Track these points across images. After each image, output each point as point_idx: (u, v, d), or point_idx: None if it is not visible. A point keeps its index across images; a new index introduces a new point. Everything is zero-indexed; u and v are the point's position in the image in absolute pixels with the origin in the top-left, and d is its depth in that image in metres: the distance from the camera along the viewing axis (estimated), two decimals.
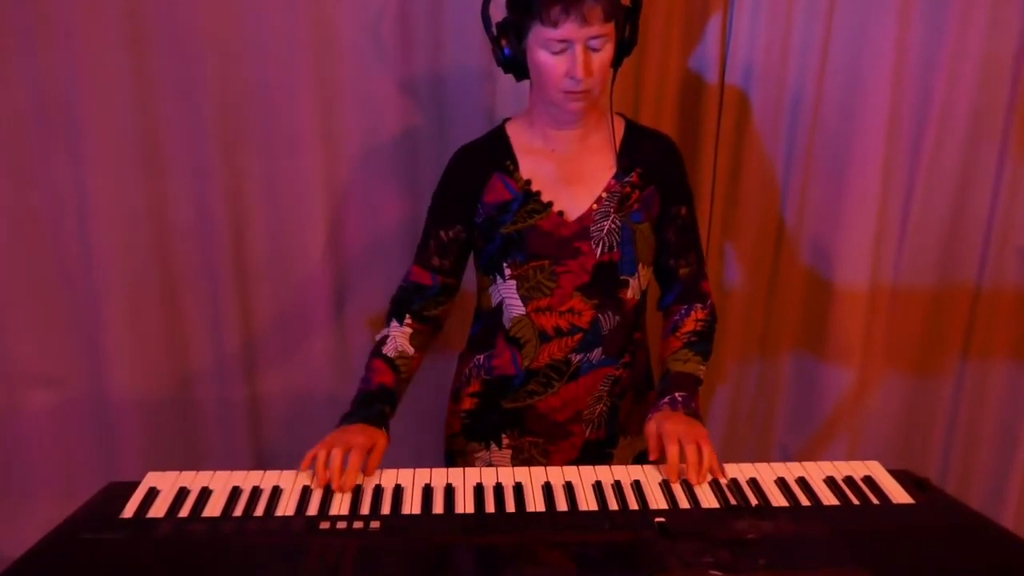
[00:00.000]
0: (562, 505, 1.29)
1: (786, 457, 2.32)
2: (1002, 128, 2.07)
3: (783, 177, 2.11)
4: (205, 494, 1.32)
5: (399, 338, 1.58)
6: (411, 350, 1.57)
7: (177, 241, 2.01)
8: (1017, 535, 1.20)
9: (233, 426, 2.17)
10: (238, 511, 1.27)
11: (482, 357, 1.65)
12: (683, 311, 1.64)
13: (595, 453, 1.66)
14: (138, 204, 1.97)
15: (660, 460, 1.41)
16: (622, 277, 1.57)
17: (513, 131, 1.57)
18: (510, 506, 1.29)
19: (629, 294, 1.58)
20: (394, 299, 1.63)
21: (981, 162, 2.10)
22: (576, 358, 1.58)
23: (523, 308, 1.57)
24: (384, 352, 1.56)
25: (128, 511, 1.27)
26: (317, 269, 2.06)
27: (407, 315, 1.60)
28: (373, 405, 1.48)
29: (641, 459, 1.72)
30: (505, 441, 1.65)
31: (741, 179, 2.08)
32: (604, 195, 1.54)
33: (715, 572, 1.08)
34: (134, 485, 1.36)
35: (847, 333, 2.18)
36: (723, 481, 1.37)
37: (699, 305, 1.65)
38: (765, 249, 2.16)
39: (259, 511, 1.27)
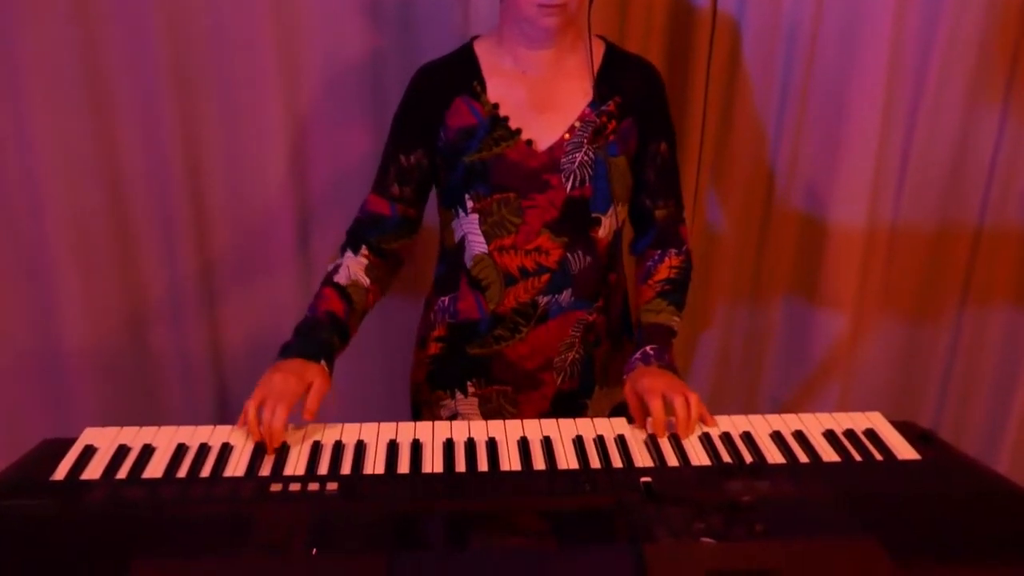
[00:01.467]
0: (539, 463, 1.18)
1: (776, 406, 2.23)
2: (1010, 63, 1.94)
3: (777, 112, 1.97)
4: (147, 453, 1.20)
5: (352, 266, 1.45)
6: (366, 281, 1.45)
7: (128, 181, 1.87)
8: None
9: (194, 374, 2.05)
10: (182, 472, 1.16)
11: (447, 300, 1.53)
12: (656, 257, 1.53)
13: (568, 404, 1.56)
14: (84, 143, 1.82)
15: (642, 422, 1.30)
16: (594, 215, 1.45)
17: (482, 50, 1.43)
18: (483, 464, 1.18)
19: (601, 233, 1.46)
20: (350, 230, 1.51)
21: (987, 98, 1.98)
22: (544, 300, 1.46)
23: (485, 245, 1.44)
24: (335, 280, 1.43)
25: (60, 473, 1.15)
26: (279, 206, 1.92)
27: (363, 246, 1.47)
28: (316, 334, 1.36)
29: (619, 412, 1.62)
30: (471, 389, 1.54)
31: (733, 114, 1.95)
32: (577, 124, 1.41)
33: (707, 540, 0.98)
34: (71, 443, 1.24)
35: (841, 278, 2.07)
36: (714, 434, 1.26)
37: (674, 251, 1.53)
38: (757, 189, 2.04)
39: (205, 471, 1.16)
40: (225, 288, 2.00)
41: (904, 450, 1.23)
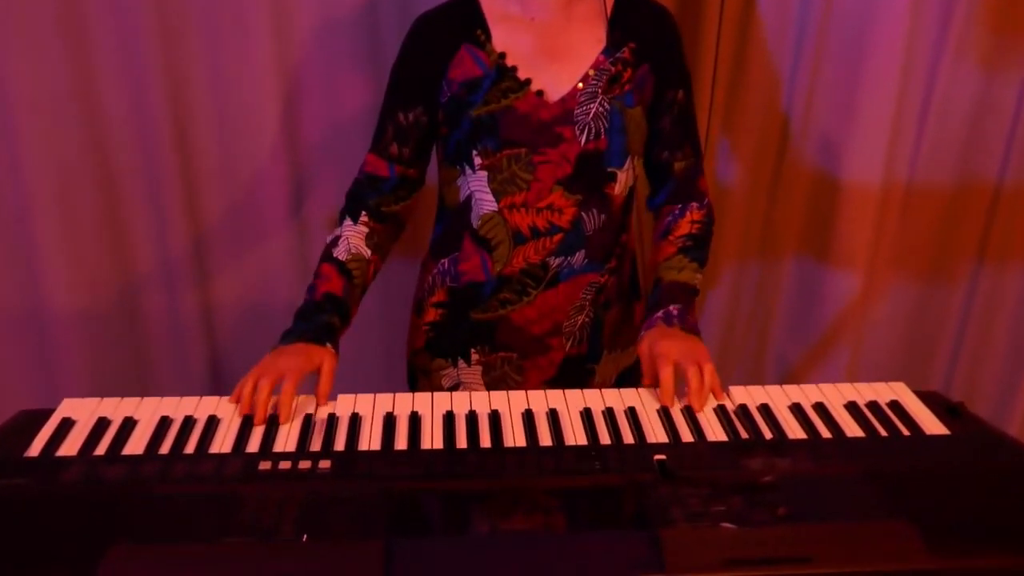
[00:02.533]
0: (545, 439, 1.11)
1: (784, 367, 2.17)
2: None
3: (792, 59, 1.88)
4: (128, 426, 1.13)
5: (352, 238, 1.37)
6: (367, 252, 1.37)
7: (113, 136, 1.78)
8: None
9: (185, 339, 1.98)
10: (165, 448, 1.08)
11: (447, 262, 1.45)
12: (676, 212, 1.44)
13: (575, 370, 1.49)
14: (64, 96, 1.72)
15: (654, 384, 1.23)
16: (609, 169, 1.36)
17: None
18: (485, 440, 1.11)
19: (616, 189, 1.38)
20: (349, 193, 1.42)
21: (1010, 53, 1.88)
22: (555, 262, 1.38)
23: (495, 204, 1.36)
24: (335, 255, 1.36)
25: (34, 449, 1.08)
26: (271, 163, 1.83)
27: (363, 212, 1.39)
28: (317, 317, 1.28)
29: (626, 376, 1.55)
30: (474, 357, 1.47)
31: (746, 60, 1.85)
32: (591, 73, 1.32)
33: (727, 525, 0.91)
34: (48, 414, 1.16)
35: (854, 235, 1.99)
36: (729, 406, 1.19)
37: (695, 205, 1.45)
38: (769, 140, 1.95)
39: (190, 447, 1.09)
40: (216, 251, 1.92)
41: (932, 424, 1.16)
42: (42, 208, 1.79)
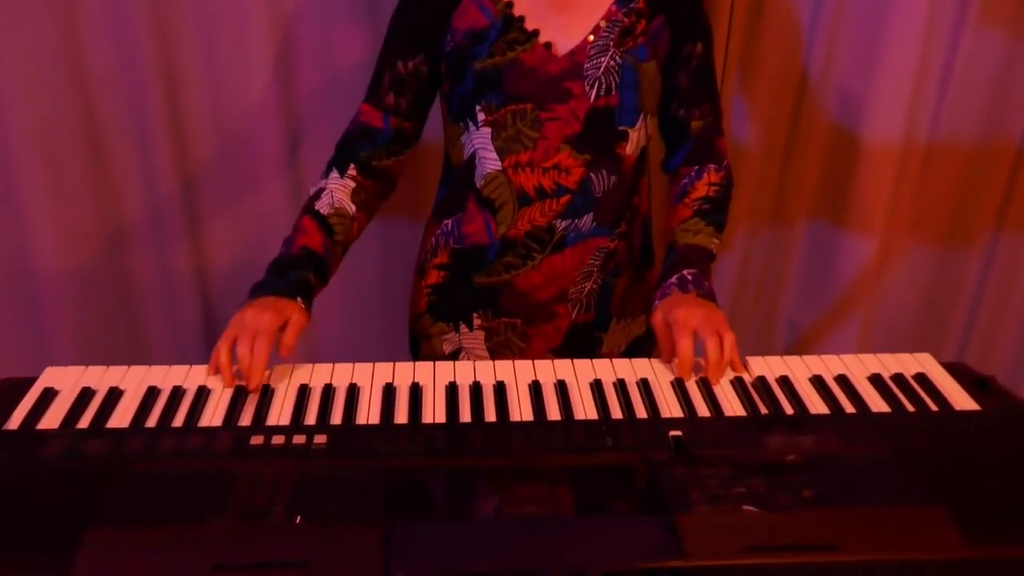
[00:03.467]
0: (554, 412, 1.05)
1: (794, 334, 2.10)
2: None
3: (811, 13, 1.79)
4: (113, 397, 1.07)
5: (337, 192, 1.29)
6: (351, 207, 1.29)
7: (98, 88, 1.69)
8: None
9: (177, 297, 1.91)
10: (151, 421, 1.02)
11: (450, 223, 1.38)
12: (693, 174, 1.37)
13: (582, 338, 1.42)
14: (48, 45, 1.64)
15: (672, 357, 1.17)
16: (620, 128, 1.29)
17: None
18: (490, 413, 1.05)
19: (628, 149, 1.31)
20: (338, 144, 1.34)
21: None
22: (562, 225, 1.31)
23: (499, 163, 1.28)
24: (316, 208, 1.28)
25: (14, 421, 1.02)
26: (264, 115, 1.74)
27: (351, 164, 1.31)
28: (291, 273, 1.21)
29: (636, 346, 1.49)
30: (477, 322, 1.40)
31: (764, 14, 1.76)
32: (603, 24, 1.24)
33: (749, 508, 0.86)
34: (30, 383, 1.10)
35: (872, 198, 1.92)
36: (747, 379, 1.13)
37: (713, 167, 1.37)
38: (786, 95, 1.86)
39: (178, 421, 1.03)
40: (208, 204, 1.85)
41: (961, 399, 1.10)
42: (26, 165, 1.71)
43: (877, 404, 1.08)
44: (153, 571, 0.78)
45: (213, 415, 1.04)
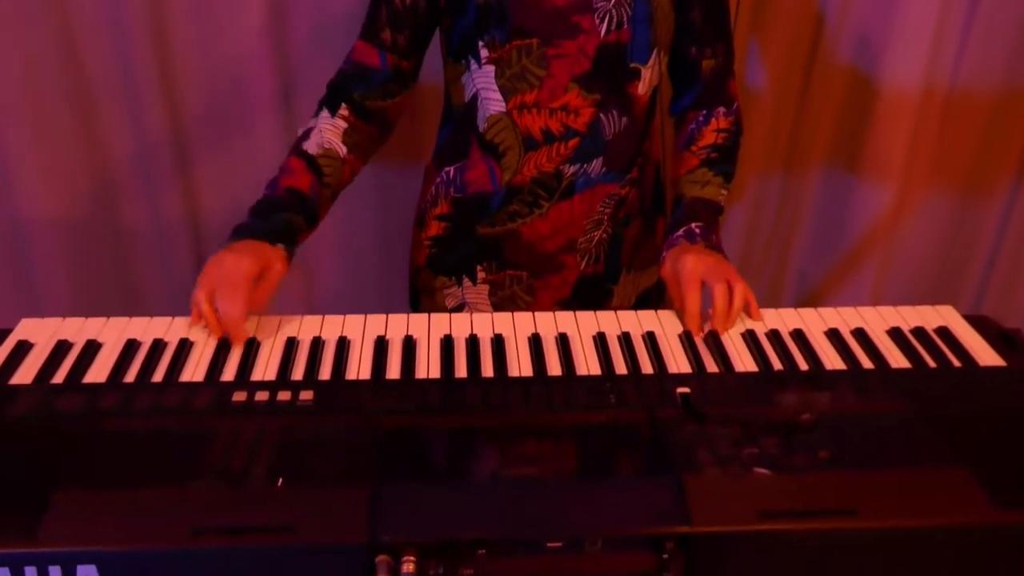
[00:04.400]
0: (555, 368, 0.99)
1: (805, 285, 2.04)
2: None
3: None
4: (91, 351, 1.01)
5: (327, 131, 1.22)
6: (342, 149, 1.22)
7: (83, 29, 1.62)
8: None
9: (169, 245, 1.85)
10: (130, 376, 0.97)
11: (452, 170, 1.31)
12: (701, 118, 1.30)
13: (591, 290, 1.36)
14: None
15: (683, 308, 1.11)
16: (632, 65, 1.21)
17: None
18: (487, 368, 0.99)
19: (641, 89, 1.23)
20: (331, 84, 1.27)
21: None
22: (570, 171, 1.24)
23: (503, 104, 1.21)
24: (304, 148, 1.21)
25: None
26: (257, 54, 1.66)
27: (344, 104, 1.24)
28: (276, 215, 1.14)
29: (646, 298, 1.43)
30: (480, 275, 1.34)
31: None
32: None
33: (761, 470, 0.80)
34: (4, 335, 1.05)
35: (889, 145, 1.84)
36: (760, 331, 1.07)
37: (722, 110, 1.30)
38: (801, 41, 1.78)
39: (158, 376, 0.97)
40: (199, 149, 1.77)
41: (985, 354, 1.04)
42: (12, 111, 1.64)
43: (897, 359, 1.02)
44: (126, 535, 0.73)
45: (195, 370, 0.98)
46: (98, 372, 0.98)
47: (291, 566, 0.73)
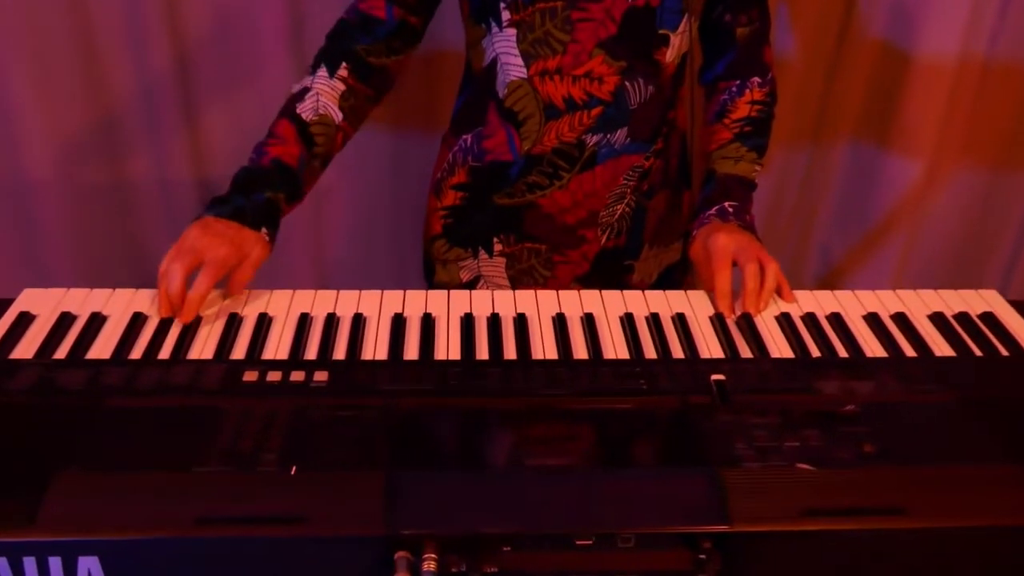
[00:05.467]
0: (580, 350, 0.95)
1: (827, 261, 1.99)
2: None
3: None
4: (95, 324, 0.97)
5: (324, 94, 1.16)
6: (337, 115, 1.16)
7: None
8: None
9: (176, 200, 1.80)
10: (136, 352, 0.93)
11: (469, 138, 1.25)
12: (734, 89, 1.24)
13: (611, 266, 1.31)
14: None
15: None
16: (661, 31, 1.15)
17: None
18: (509, 350, 0.94)
19: (669, 56, 1.17)
20: (331, 35, 1.21)
21: None
22: (592, 140, 1.19)
23: (524, 70, 1.15)
24: (297, 111, 1.14)
25: None
26: None
27: (343, 62, 1.17)
28: (258, 192, 1.09)
29: (669, 275, 1.38)
30: (497, 247, 1.29)
31: None
32: None
33: (804, 466, 0.75)
34: (6, 305, 1.01)
35: (921, 118, 1.78)
36: (795, 314, 1.02)
37: (756, 81, 1.24)
38: (833, 6, 1.71)
39: (165, 352, 0.93)
40: (206, 96, 1.71)
41: None
42: (14, 62, 1.59)
43: (940, 347, 0.97)
44: (127, 521, 0.69)
45: (204, 346, 0.94)
46: (102, 347, 0.93)
47: (303, 557, 0.69)
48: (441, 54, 1.58)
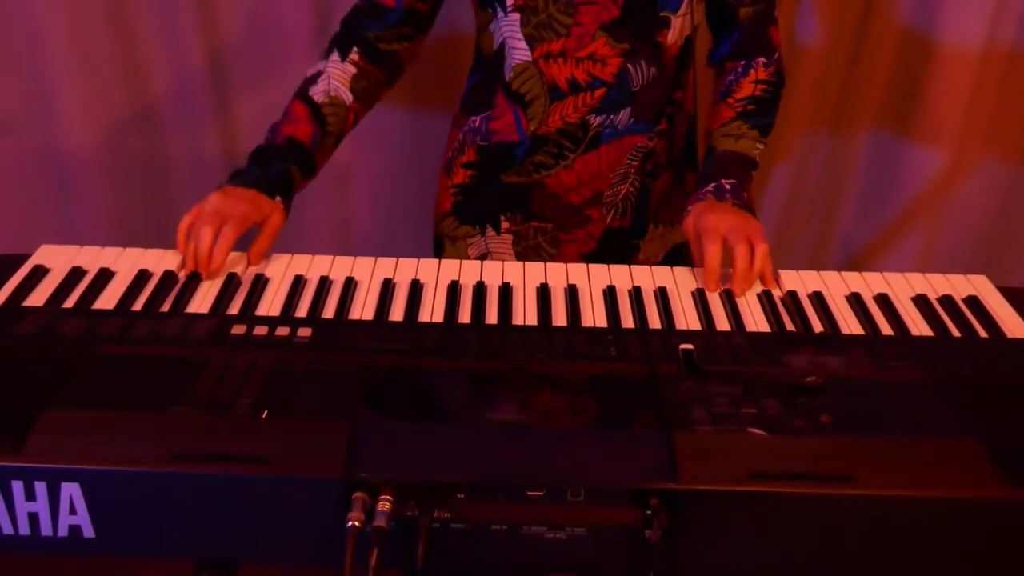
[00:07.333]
0: (560, 318, 0.97)
1: (849, 252, 1.98)
2: None
3: None
4: (103, 278, 1.02)
5: (336, 78, 1.20)
6: (348, 97, 1.20)
7: None
8: None
9: (207, 177, 1.85)
10: (138, 305, 0.98)
11: (478, 119, 1.28)
12: (740, 69, 1.25)
13: (618, 244, 1.33)
14: None
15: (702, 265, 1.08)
16: (663, 14, 1.17)
17: None
18: (491, 315, 0.97)
19: (671, 38, 1.19)
20: (344, 21, 1.25)
21: None
22: (596, 121, 1.21)
23: (529, 52, 1.18)
24: (309, 94, 1.19)
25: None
26: None
27: (355, 47, 1.21)
28: (274, 165, 1.13)
29: (675, 254, 1.39)
30: (504, 225, 1.32)
31: None
32: None
33: (756, 431, 0.77)
34: (23, 259, 1.07)
35: (944, 107, 1.76)
36: (777, 294, 1.04)
37: (762, 60, 1.25)
38: None
39: (165, 306, 0.98)
40: (237, 84, 1.77)
41: (1016, 326, 0.99)
42: (53, 45, 1.65)
43: (919, 327, 0.98)
44: (108, 455, 0.73)
45: (202, 302, 0.99)
46: (108, 300, 0.98)
47: (267, 496, 0.73)
48: (458, 38, 1.62)
